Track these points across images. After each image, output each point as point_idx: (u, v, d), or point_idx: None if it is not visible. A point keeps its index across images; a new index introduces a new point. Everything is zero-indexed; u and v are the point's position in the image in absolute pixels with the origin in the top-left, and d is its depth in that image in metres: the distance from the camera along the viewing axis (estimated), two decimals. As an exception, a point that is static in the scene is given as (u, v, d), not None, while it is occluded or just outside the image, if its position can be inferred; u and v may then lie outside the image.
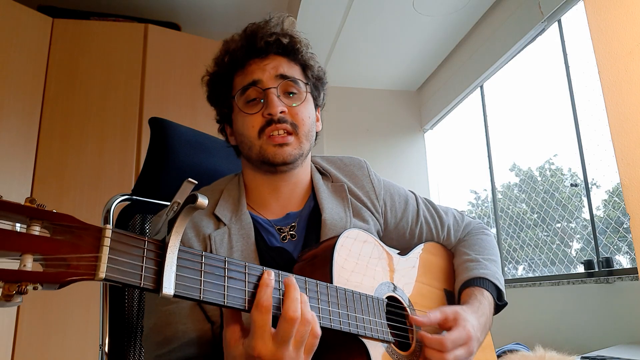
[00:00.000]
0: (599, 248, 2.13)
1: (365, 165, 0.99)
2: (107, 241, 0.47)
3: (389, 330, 0.75)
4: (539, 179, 2.72)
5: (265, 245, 0.83)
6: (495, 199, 3.00)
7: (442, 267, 1.00)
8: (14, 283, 0.41)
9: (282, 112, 0.82)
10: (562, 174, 2.55)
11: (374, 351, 0.70)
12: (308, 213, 0.89)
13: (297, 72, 0.88)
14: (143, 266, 0.50)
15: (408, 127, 3.82)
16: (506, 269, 2.89)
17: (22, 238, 0.44)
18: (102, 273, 0.46)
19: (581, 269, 2.22)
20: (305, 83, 0.88)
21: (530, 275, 2.70)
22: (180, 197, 0.54)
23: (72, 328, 2.11)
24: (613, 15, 1.43)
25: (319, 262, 0.73)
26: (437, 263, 0.99)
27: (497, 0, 2.82)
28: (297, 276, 0.64)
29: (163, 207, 0.97)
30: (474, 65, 3.07)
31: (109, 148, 2.35)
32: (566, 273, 2.35)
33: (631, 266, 1.98)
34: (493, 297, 0.91)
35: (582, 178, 2.25)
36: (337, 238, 0.74)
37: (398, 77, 3.70)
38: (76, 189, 2.25)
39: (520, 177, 2.89)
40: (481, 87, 3.16)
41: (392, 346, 0.75)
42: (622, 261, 2.08)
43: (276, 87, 0.83)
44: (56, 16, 2.44)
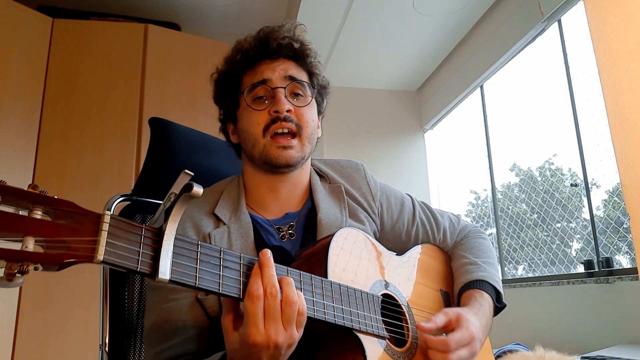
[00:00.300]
0: (599, 248, 2.13)
1: (362, 167, 1.01)
2: (106, 226, 0.49)
3: (384, 326, 0.76)
4: (539, 179, 2.72)
5: (264, 244, 0.85)
6: (495, 199, 3.00)
7: (438, 269, 1.01)
8: (16, 262, 0.44)
9: (289, 111, 0.84)
10: (562, 174, 2.55)
11: (370, 347, 0.71)
12: (306, 213, 0.91)
13: (305, 77, 0.91)
14: (140, 251, 0.52)
15: (408, 127, 3.82)
16: (506, 269, 2.89)
17: (25, 221, 0.46)
18: (100, 256, 0.48)
19: (581, 269, 2.22)
20: (312, 87, 0.91)
21: (530, 275, 2.70)
22: (176, 188, 0.56)
23: (72, 328, 2.11)
24: (613, 15, 1.43)
25: (315, 260, 0.74)
26: (433, 264, 1.00)
27: (497, 0, 2.82)
28: (292, 270, 0.66)
29: (163, 207, 0.98)
30: (474, 65, 3.08)
31: (109, 148, 2.35)
32: (566, 273, 2.36)
33: (631, 266, 1.99)
34: (492, 299, 0.92)
35: (582, 178, 2.25)
36: (332, 236, 0.76)
37: (398, 77, 3.70)
38: (76, 189, 2.25)
39: (520, 177, 2.89)
40: (481, 87, 3.16)
41: (389, 343, 0.75)
42: (622, 261, 2.08)
43: (284, 87, 0.86)
44: (56, 16, 2.44)
